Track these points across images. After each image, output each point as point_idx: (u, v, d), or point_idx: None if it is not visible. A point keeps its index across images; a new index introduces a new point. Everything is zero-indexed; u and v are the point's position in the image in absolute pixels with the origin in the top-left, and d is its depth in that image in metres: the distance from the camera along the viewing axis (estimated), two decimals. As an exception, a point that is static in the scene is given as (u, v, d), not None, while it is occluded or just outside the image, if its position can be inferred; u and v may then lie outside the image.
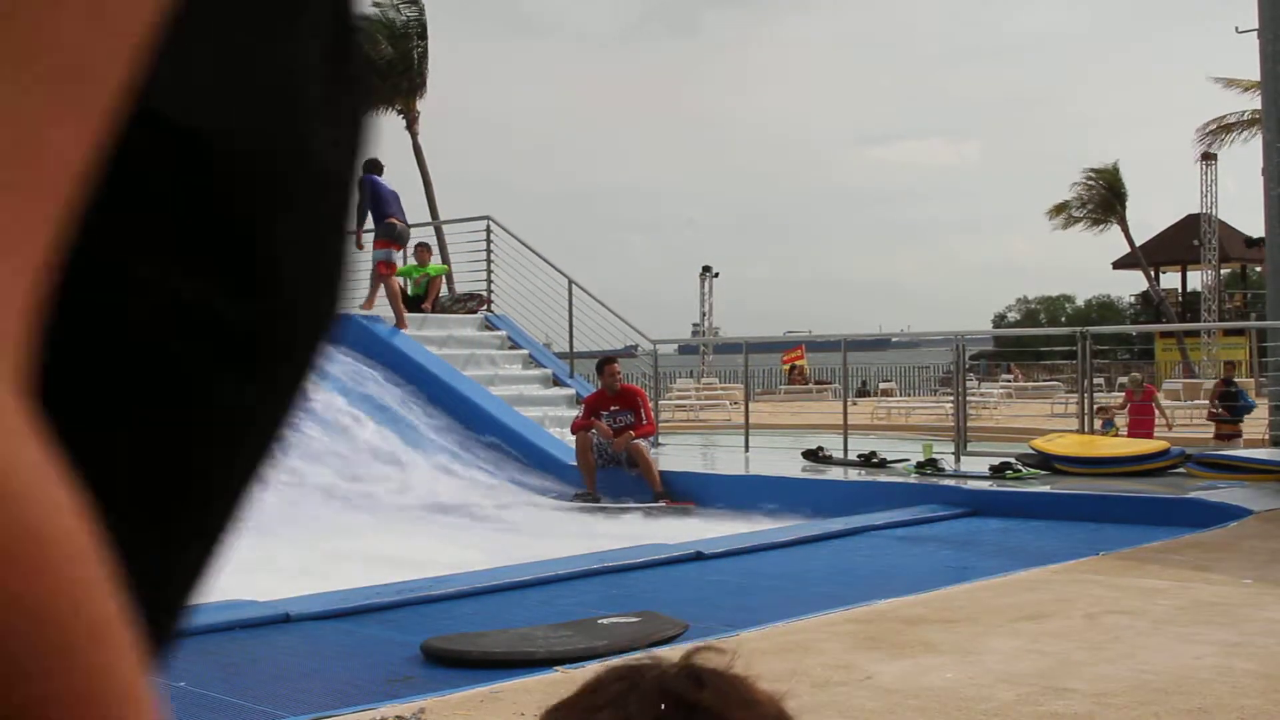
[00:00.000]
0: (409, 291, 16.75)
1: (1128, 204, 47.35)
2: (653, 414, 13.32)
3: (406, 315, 16.02)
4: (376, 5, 41.33)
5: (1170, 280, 50.07)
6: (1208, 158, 42.99)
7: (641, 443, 12.58)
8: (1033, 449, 12.08)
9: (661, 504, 11.99)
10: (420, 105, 41.72)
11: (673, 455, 14.28)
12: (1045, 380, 35.06)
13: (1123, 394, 20.04)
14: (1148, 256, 47.44)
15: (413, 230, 18.64)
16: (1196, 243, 43.55)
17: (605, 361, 13.28)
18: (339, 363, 14.60)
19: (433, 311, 16.63)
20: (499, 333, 16.57)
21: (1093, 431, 13.79)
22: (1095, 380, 17.14)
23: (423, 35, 41.24)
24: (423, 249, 17.30)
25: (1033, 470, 11.49)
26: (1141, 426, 18.54)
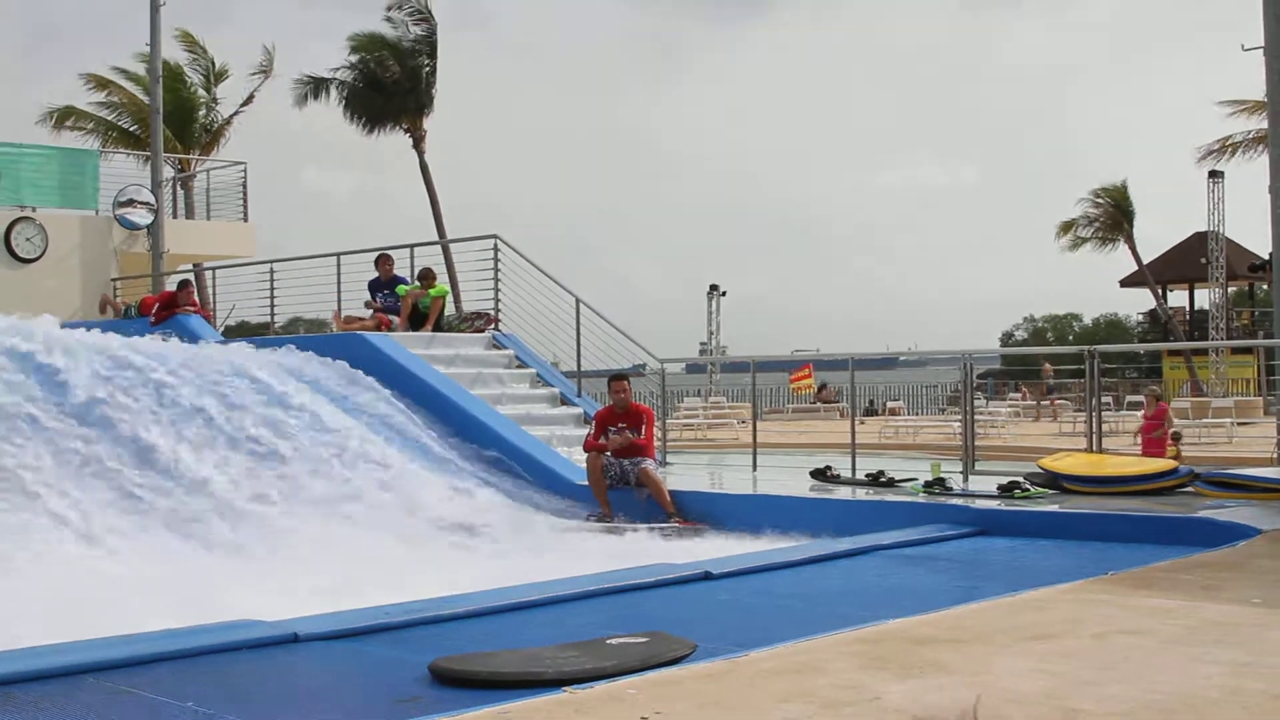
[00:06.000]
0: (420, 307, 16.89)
1: (1135, 221, 47.33)
2: (654, 434, 13.33)
3: (413, 334, 16.12)
4: (389, 20, 41.39)
5: (1178, 298, 50.02)
6: (1215, 175, 42.95)
7: (649, 465, 12.60)
8: (1041, 468, 12.05)
9: (674, 524, 11.99)
10: (427, 124, 41.78)
11: (681, 475, 14.28)
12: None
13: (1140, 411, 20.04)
14: (1155, 274, 47.40)
15: (420, 250, 18.72)
16: (1204, 260, 43.48)
17: (614, 378, 13.32)
18: (350, 383, 14.62)
19: (437, 331, 16.67)
20: (506, 351, 16.59)
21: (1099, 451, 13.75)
22: (1103, 399, 17.09)
23: (432, 54, 41.27)
24: (427, 273, 17.33)
25: (1041, 489, 11.47)
26: (1153, 445, 18.51)
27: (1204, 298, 46.55)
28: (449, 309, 17.97)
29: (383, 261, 17.72)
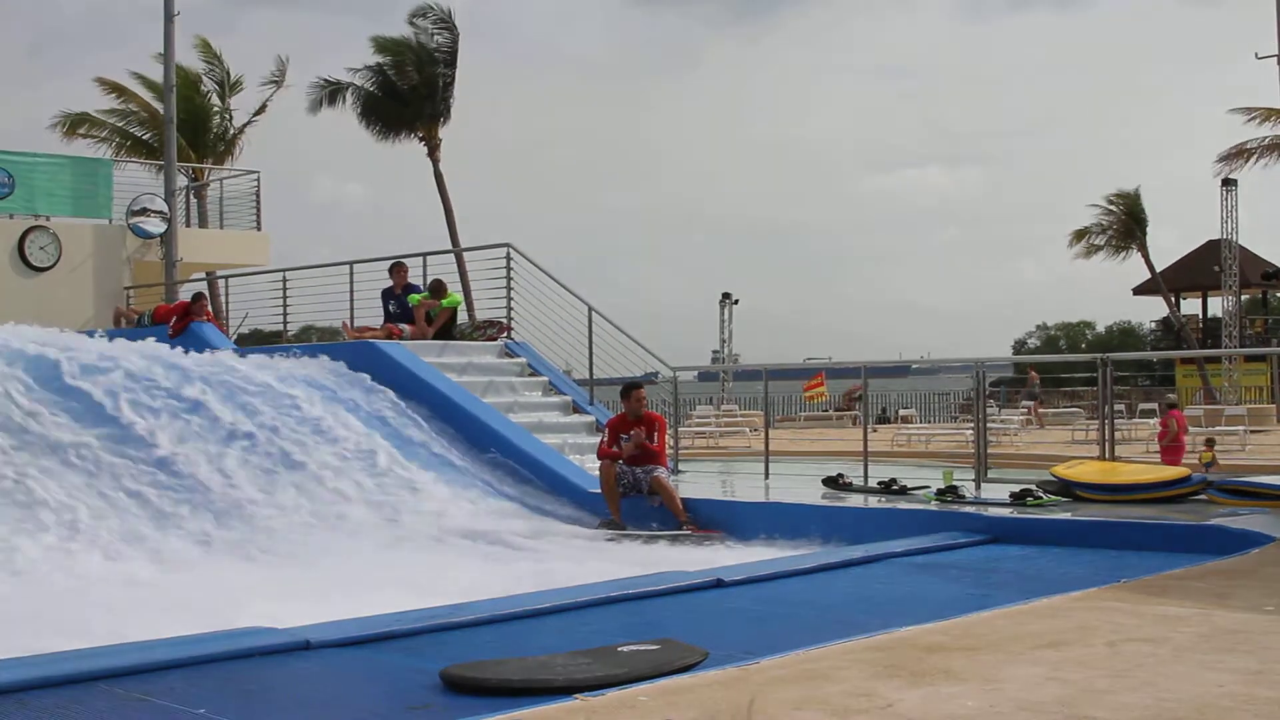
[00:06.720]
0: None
1: (1148, 229, 47.16)
2: (665, 442, 13.31)
3: (425, 342, 16.15)
4: (413, 24, 41.36)
5: (1191, 306, 49.89)
6: (1228, 183, 42.83)
7: (661, 474, 12.58)
8: (1053, 475, 12.03)
9: (687, 532, 11.98)
10: (443, 132, 41.77)
11: (693, 482, 14.27)
12: (1066, 407, 34.92)
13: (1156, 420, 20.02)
14: (1168, 282, 47.26)
15: (433, 258, 18.75)
16: (1217, 268, 43.36)
17: (632, 387, 13.25)
18: (363, 391, 14.65)
19: (448, 339, 16.68)
20: (518, 360, 16.60)
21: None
22: (1115, 407, 17.06)
23: (451, 63, 41.24)
24: (438, 286, 17.34)
25: (1053, 497, 11.45)
26: (1166, 453, 18.47)
27: (1217, 305, 46.43)
28: (462, 318, 17.99)
29: (397, 270, 17.76)
